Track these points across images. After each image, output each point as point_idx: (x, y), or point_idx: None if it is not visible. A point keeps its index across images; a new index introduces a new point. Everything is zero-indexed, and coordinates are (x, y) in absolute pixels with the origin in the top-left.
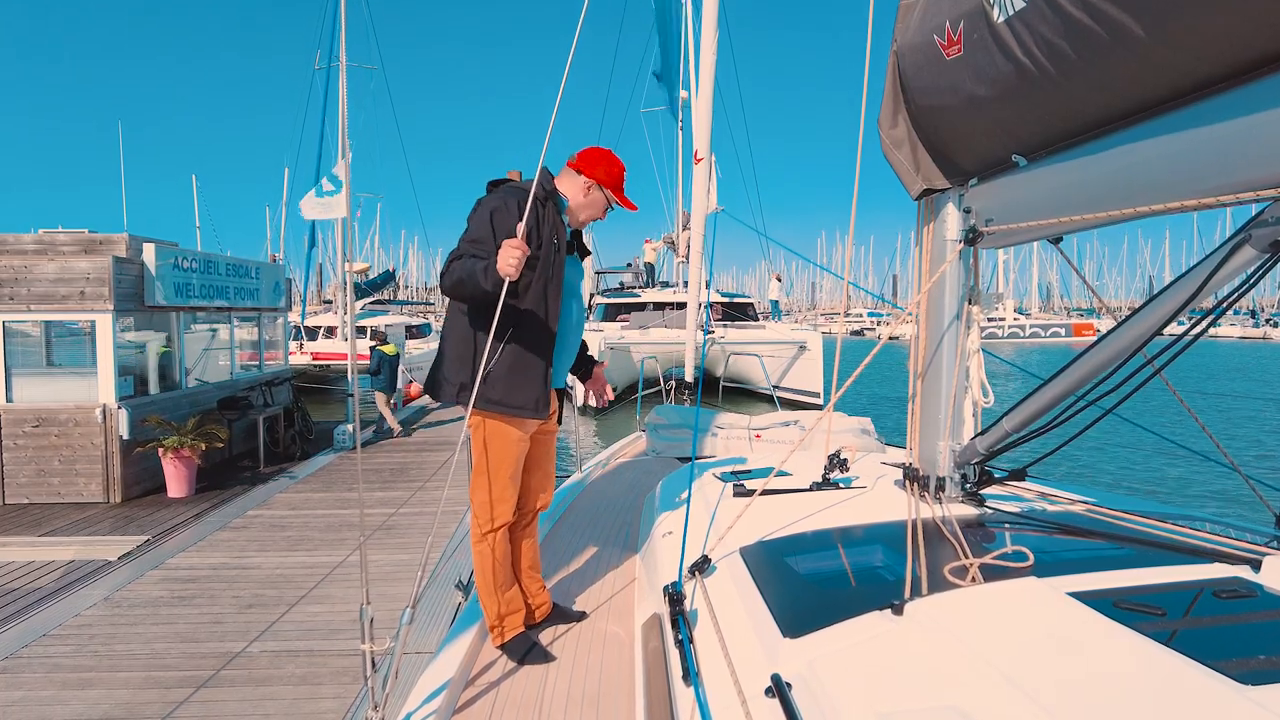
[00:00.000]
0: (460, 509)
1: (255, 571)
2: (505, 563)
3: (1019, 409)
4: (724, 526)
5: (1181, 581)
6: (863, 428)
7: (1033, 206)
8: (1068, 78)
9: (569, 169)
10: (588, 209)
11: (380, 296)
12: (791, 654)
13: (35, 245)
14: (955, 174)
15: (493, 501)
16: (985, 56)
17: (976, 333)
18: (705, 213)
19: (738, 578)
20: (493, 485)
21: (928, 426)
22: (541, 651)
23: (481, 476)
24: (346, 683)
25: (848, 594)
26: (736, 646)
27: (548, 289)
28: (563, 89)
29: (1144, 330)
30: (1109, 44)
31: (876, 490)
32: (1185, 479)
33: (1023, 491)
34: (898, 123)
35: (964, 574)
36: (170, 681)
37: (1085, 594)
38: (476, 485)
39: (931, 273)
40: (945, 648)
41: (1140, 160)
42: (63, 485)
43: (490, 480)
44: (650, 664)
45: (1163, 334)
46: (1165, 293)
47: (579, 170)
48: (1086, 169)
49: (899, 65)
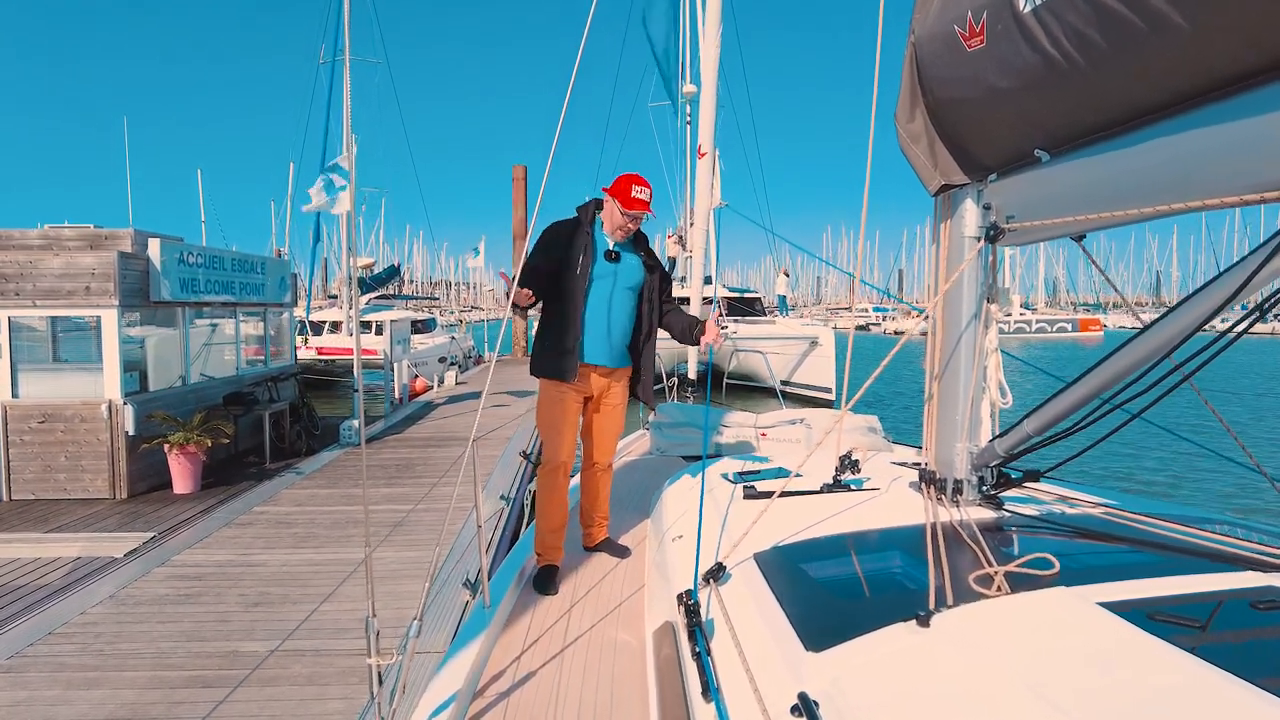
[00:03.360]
0: (467, 505)
1: (261, 569)
2: (552, 499)
3: (1042, 410)
4: (737, 531)
5: (1215, 591)
6: (870, 425)
7: (1057, 203)
8: (1098, 69)
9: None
10: (608, 220)
11: (385, 291)
12: (815, 669)
13: (40, 241)
14: (974, 169)
15: (547, 442)
16: (1010, 47)
17: (995, 332)
18: (709, 208)
19: (754, 586)
20: (547, 432)
21: (944, 428)
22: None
23: (540, 426)
24: (354, 683)
25: (869, 604)
26: (757, 661)
27: (572, 284)
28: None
29: (1179, 331)
30: (1146, 33)
31: (891, 493)
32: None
33: (1039, 493)
34: (915, 116)
35: (989, 583)
36: (176, 681)
37: (1116, 604)
38: (538, 428)
39: (949, 270)
40: (976, 663)
41: (1176, 155)
42: (69, 481)
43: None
44: (663, 674)
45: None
46: (1203, 291)
47: (606, 193)
48: (1115, 164)
49: (917, 57)
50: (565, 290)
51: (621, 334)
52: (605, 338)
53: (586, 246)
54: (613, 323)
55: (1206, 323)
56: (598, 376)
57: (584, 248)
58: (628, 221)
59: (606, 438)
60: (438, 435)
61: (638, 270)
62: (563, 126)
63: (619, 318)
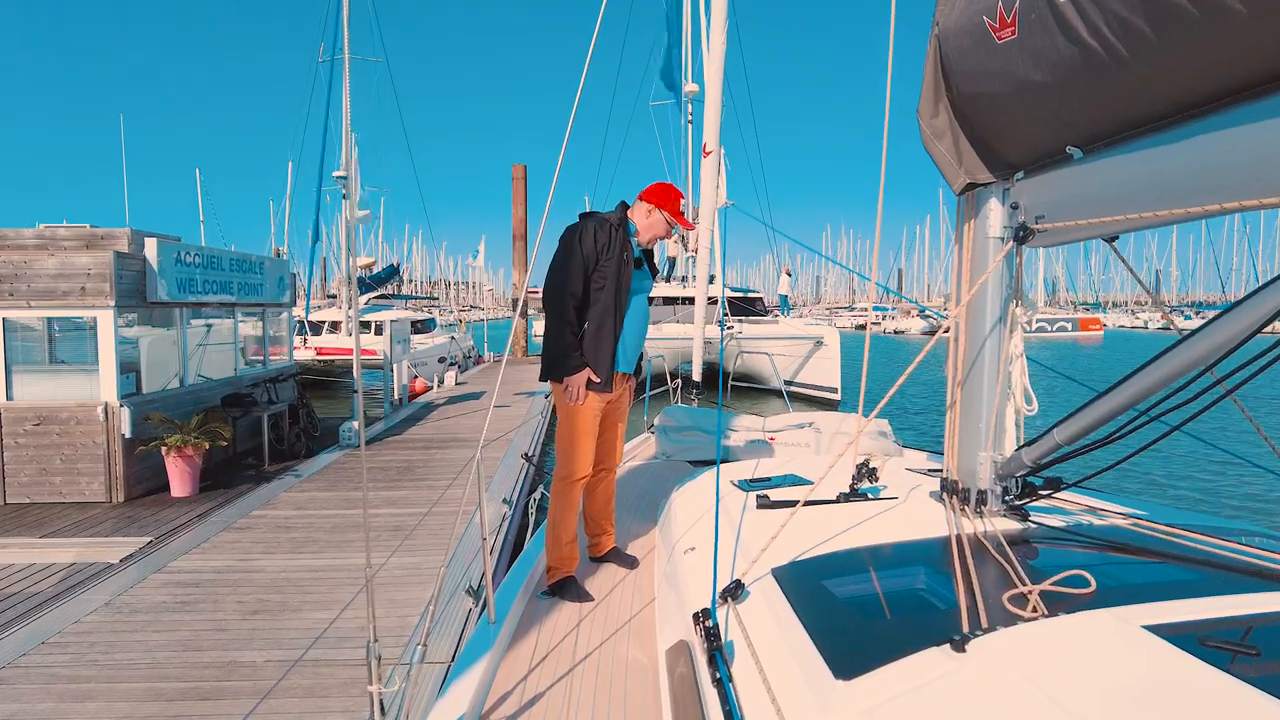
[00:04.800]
0: (470, 508)
1: (259, 575)
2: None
3: (1073, 419)
4: (754, 545)
5: (1267, 613)
6: (880, 430)
7: (1090, 202)
8: (1142, 60)
9: (638, 200)
10: (650, 230)
11: (385, 291)
12: (847, 699)
13: (36, 240)
14: (1001, 166)
15: (571, 453)
16: (1044, 39)
17: (1020, 336)
18: (714, 207)
19: (775, 606)
20: (572, 443)
21: (967, 436)
22: (580, 590)
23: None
24: (355, 695)
25: (898, 625)
26: (783, 689)
27: (618, 295)
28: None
29: (1224, 341)
30: (1198, 21)
31: (911, 503)
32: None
33: (1063, 503)
34: (939, 112)
35: (1024, 603)
36: (172, 693)
37: (1162, 628)
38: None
39: (972, 270)
40: (1019, 694)
41: (1227, 150)
42: (64, 485)
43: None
44: (679, 697)
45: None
46: (1251, 300)
47: (643, 200)
48: (1157, 161)
49: (941, 50)
50: (606, 301)
51: (639, 339)
52: (634, 345)
53: (628, 256)
54: (639, 330)
55: (1256, 333)
56: (620, 382)
57: (626, 258)
58: (669, 233)
59: (619, 441)
60: (438, 437)
61: (649, 275)
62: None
63: (640, 324)
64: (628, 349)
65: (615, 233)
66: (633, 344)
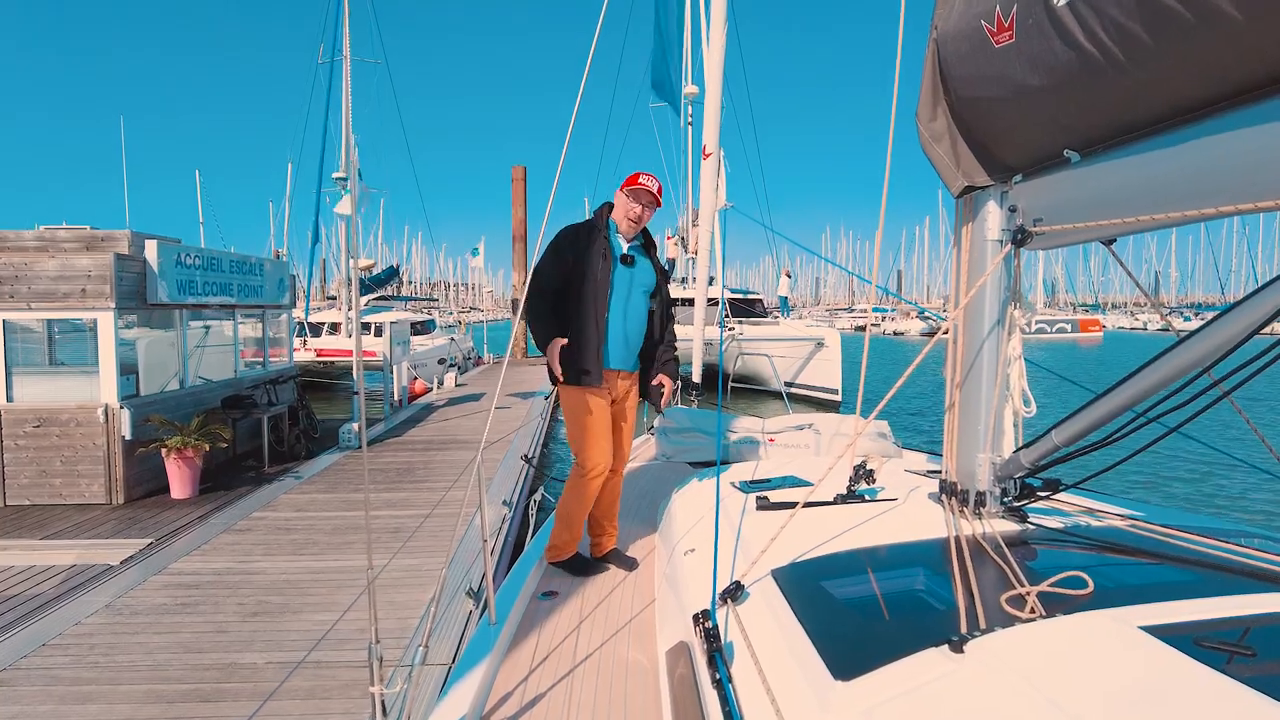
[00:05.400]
0: (470, 510)
1: (260, 577)
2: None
3: (1071, 421)
4: (754, 547)
5: (1264, 614)
6: (879, 431)
7: (1087, 205)
8: (1139, 64)
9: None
10: (623, 215)
11: (384, 292)
12: (845, 700)
13: (36, 242)
14: (999, 170)
15: (583, 449)
16: (1041, 43)
17: (1018, 338)
18: (714, 209)
19: (775, 607)
20: (584, 438)
21: (966, 437)
22: (587, 563)
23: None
24: (356, 696)
25: (897, 626)
26: (783, 690)
27: (595, 287)
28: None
29: (1223, 342)
30: (1194, 26)
31: (909, 504)
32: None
33: (1061, 505)
34: (937, 115)
35: (1022, 604)
36: (172, 695)
37: (1159, 629)
38: (570, 441)
39: (970, 273)
40: (1017, 695)
41: (1224, 153)
42: (65, 486)
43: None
44: (678, 698)
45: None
46: (1251, 300)
47: (617, 192)
48: (1153, 164)
49: (939, 54)
50: (586, 295)
51: (637, 337)
52: (624, 342)
53: (605, 251)
54: (630, 326)
55: (1255, 334)
56: (619, 380)
57: (603, 253)
58: (636, 206)
59: (625, 442)
60: (439, 438)
61: (650, 273)
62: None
63: (635, 321)
64: (620, 345)
65: (593, 232)
66: (621, 339)
